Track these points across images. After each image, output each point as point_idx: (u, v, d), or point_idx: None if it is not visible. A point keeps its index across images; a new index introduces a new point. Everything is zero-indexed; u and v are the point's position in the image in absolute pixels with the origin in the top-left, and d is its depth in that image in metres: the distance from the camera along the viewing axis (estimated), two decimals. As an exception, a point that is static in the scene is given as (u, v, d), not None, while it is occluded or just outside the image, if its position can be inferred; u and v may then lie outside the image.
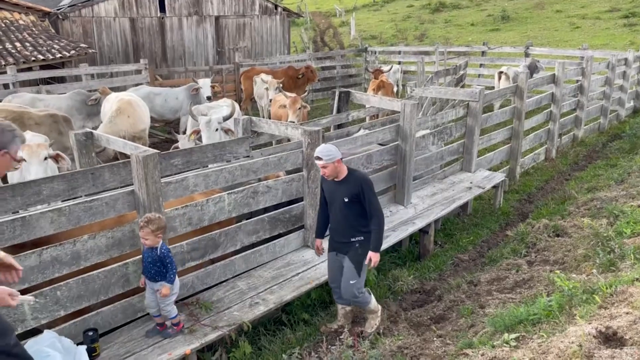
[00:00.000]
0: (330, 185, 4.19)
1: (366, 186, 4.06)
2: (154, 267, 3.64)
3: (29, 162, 5.17)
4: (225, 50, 17.79)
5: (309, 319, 4.78)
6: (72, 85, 11.65)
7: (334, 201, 4.19)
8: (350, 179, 4.09)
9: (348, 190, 4.07)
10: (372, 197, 4.08)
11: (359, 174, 4.16)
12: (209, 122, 6.24)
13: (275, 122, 5.51)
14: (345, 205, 4.11)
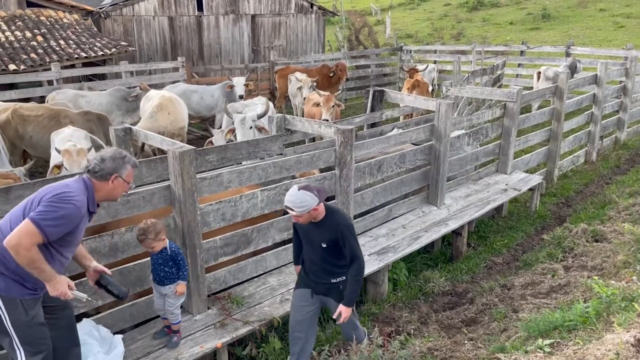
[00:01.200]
0: (305, 225, 3.58)
1: (347, 232, 3.51)
2: (164, 268, 3.57)
3: (70, 170, 5.36)
4: (260, 49, 17.96)
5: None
6: (112, 82, 11.99)
7: (310, 242, 3.66)
8: (328, 223, 3.51)
9: (326, 236, 3.53)
10: (354, 244, 3.54)
11: (338, 218, 3.55)
12: (244, 120, 6.32)
13: (308, 120, 5.53)
14: (322, 249, 3.58)
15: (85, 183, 2.96)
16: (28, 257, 2.69)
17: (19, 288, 2.82)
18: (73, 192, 2.85)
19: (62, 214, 2.75)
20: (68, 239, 2.87)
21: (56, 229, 2.75)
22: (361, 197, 5.36)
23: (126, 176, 3.08)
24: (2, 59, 11.69)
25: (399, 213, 5.95)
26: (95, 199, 3.00)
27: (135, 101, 10.22)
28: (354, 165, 4.97)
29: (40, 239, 2.72)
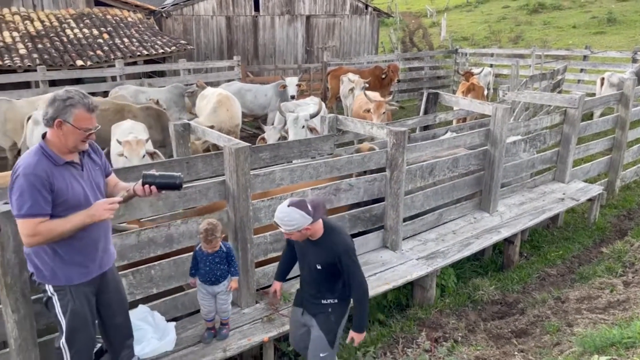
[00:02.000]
0: (302, 242, 3.30)
1: (346, 257, 3.18)
2: (220, 267, 3.56)
3: (129, 159, 5.61)
4: (314, 49, 18.09)
5: (384, 319, 4.76)
6: (171, 79, 12.40)
7: (304, 260, 3.39)
8: (326, 243, 3.19)
9: (322, 257, 3.23)
10: (354, 269, 3.21)
11: (337, 240, 3.20)
12: (296, 119, 6.39)
13: (360, 121, 5.54)
14: (317, 271, 3.29)
15: (40, 141, 2.78)
16: (43, 238, 2.65)
17: (65, 274, 2.83)
18: (18, 164, 2.70)
19: (20, 192, 2.62)
20: (60, 201, 2.71)
21: (33, 206, 2.62)
22: (411, 200, 5.31)
23: (74, 121, 2.70)
24: (71, 55, 12.33)
25: (450, 218, 5.85)
26: (57, 151, 2.74)
27: (191, 97, 10.54)
28: (405, 167, 4.93)
29: (35, 222, 2.62)
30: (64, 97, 2.71)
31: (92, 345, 3.12)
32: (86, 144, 2.83)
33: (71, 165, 2.81)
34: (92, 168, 2.95)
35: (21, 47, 12.15)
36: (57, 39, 12.93)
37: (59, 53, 12.32)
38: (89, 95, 2.80)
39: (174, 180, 2.90)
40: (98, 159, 3.02)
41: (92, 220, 2.76)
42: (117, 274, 3.25)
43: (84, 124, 2.74)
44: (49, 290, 2.84)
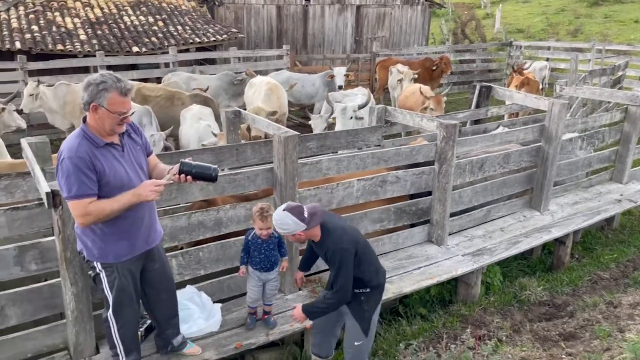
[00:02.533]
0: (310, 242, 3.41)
1: (333, 258, 3.15)
2: (274, 253, 3.62)
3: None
4: (363, 39, 17.94)
5: (426, 314, 4.72)
6: (222, 67, 12.59)
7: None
8: (322, 246, 3.21)
9: (322, 256, 3.31)
10: (339, 272, 3.12)
11: (328, 243, 3.17)
12: (345, 110, 6.37)
13: (410, 112, 5.47)
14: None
15: (81, 124, 2.86)
16: (94, 217, 2.75)
17: (113, 251, 2.93)
18: (62, 148, 2.78)
19: (67, 174, 2.70)
20: (103, 182, 2.79)
21: (81, 187, 2.70)
22: (459, 195, 5.21)
23: (108, 104, 2.74)
24: (127, 41, 12.72)
25: (498, 215, 5.71)
26: (97, 133, 2.82)
27: (240, 85, 10.68)
28: (454, 161, 4.84)
29: (84, 203, 2.72)
30: (98, 82, 2.75)
31: (137, 319, 3.25)
32: (123, 126, 2.88)
33: (112, 147, 2.88)
34: (133, 148, 3.01)
35: (82, 33, 12.63)
36: (115, 25, 13.37)
37: (116, 39, 12.73)
38: (123, 79, 2.82)
39: (210, 172, 2.92)
40: (139, 139, 3.09)
41: (138, 200, 2.85)
42: (163, 252, 3.35)
43: (118, 107, 2.78)
44: (97, 267, 2.96)
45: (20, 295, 3.20)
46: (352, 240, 3.19)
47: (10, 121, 7.42)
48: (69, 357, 3.38)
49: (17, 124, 7.58)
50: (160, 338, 3.47)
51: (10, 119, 7.43)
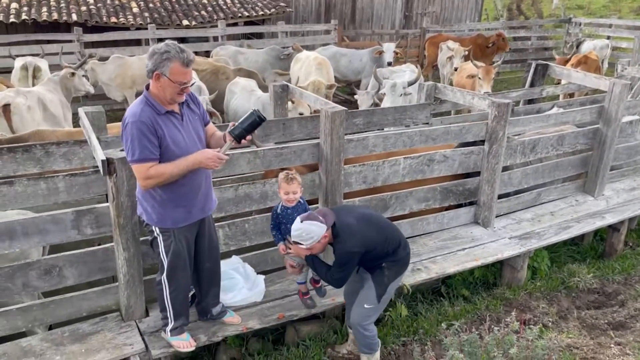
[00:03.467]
0: None
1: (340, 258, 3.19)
2: None
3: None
4: (412, 15, 17.49)
5: (468, 296, 4.66)
6: (269, 42, 12.60)
7: None
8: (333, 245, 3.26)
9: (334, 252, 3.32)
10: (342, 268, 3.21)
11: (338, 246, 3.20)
12: (394, 86, 6.25)
13: (461, 90, 5.31)
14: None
15: (144, 92, 2.94)
16: (155, 181, 2.85)
17: (171, 217, 3.03)
18: (126, 114, 2.88)
19: (130, 139, 2.80)
20: (163, 148, 2.88)
21: (143, 151, 2.80)
22: (509, 176, 5.06)
23: (170, 74, 2.80)
24: (178, 14, 12.90)
25: (548, 199, 5.53)
26: (158, 101, 2.89)
27: (287, 60, 10.67)
28: (505, 141, 4.69)
29: (146, 166, 2.81)
30: (162, 51, 2.80)
31: (189, 285, 3.36)
32: (183, 96, 2.94)
33: (172, 115, 2.96)
34: (192, 118, 3.08)
35: (134, 6, 12.89)
36: (165, -2, 13.57)
37: (167, 12, 12.93)
38: (186, 50, 2.87)
39: (254, 117, 2.95)
40: (196, 109, 3.15)
41: (198, 166, 2.93)
42: (213, 222, 3.43)
43: (179, 77, 2.83)
44: (155, 231, 3.07)
45: (77, 257, 3.36)
46: (360, 242, 3.18)
47: (80, 85, 7.87)
48: (120, 318, 3.54)
49: (86, 89, 8.05)
50: (200, 306, 3.58)
51: (80, 84, 7.87)
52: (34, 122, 6.46)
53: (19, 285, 3.23)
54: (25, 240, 3.17)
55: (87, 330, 3.43)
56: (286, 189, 3.41)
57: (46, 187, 3.21)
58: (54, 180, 3.23)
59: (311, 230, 3.10)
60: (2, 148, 3.47)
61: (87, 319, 3.53)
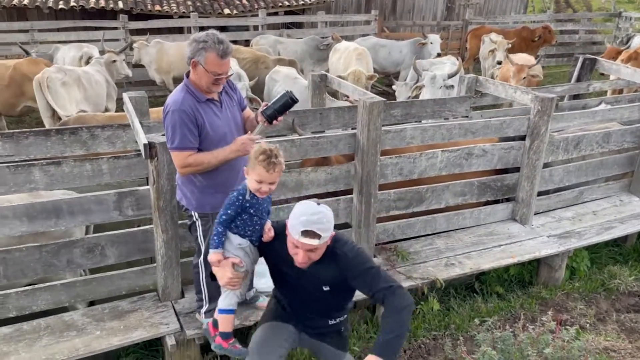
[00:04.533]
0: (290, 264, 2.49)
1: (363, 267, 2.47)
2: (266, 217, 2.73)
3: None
4: (455, 6, 17.13)
5: (503, 293, 4.58)
6: (308, 32, 12.59)
7: (300, 283, 2.59)
8: (331, 257, 2.47)
9: (328, 275, 2.51)
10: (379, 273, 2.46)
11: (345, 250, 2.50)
12: (434, 78, 6.16)
13: (503, 83, 5.19)
14: (322, 293, 2.57)
15: (185, 79, 2.98)
16: (193, 169, 2.91)
17: (210, 202, 3.06)
18: (168, 102, 2.93)
19: (171, 126, 2.86)
20: (203, 135, 2.92)
21: (182, 140, 2.85)
22: (549, 173, 4.93)
23: (206, 63, 2.82)
24: (219, 3, 13.04)
25: (591, 198, 5.36)
26: (198, 89, 2.93)
27: (326, 50, 10.65)
28: (547, 137, 4.57)
29: (185, 154, 2.87)
30: (200, 40, 2.85)
31: None
32: (219, 86, 2.98)
33: (212, 103, 3.01)
34: (230, 105, 3.14)
35: (177, -5, 13.09)
36: (214, -14, 13.72)
37: (209, 1, 13.08)
38: (225, 41, 2.89)
39: (286, 98, 2.93)
40: (234, 95, 3.21)
41: (236, 156, 2.98)
42: None
43: (214, 68, 2.86)
44: (195, 216, 3.14)
45: (118, 237, 3.47)
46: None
47: (121, 69, 8.43)
48: (157, 298, 3.65)
49: (126, 72, 8.55)
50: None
51: (122, 67, 8.44)
52: (70, 98, 6.80)
53: (63, 262, 3.37)
54: (71, 219, 3.30)
55: (126, 308, 3.55)
56: (263, 176, 2.52)
57: (91, 169, 3.33)
58: (98, 162, 3.34)
59: (329, 218, 2.36)
60: (50, 130, 3.61)
61: (125, 297, 3.65)
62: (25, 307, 3.36)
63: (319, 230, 2.31)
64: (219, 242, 2.60)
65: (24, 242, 3.33)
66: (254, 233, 2.66)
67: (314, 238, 2.30)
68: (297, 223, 2.33)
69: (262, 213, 2.66)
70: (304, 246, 2.34)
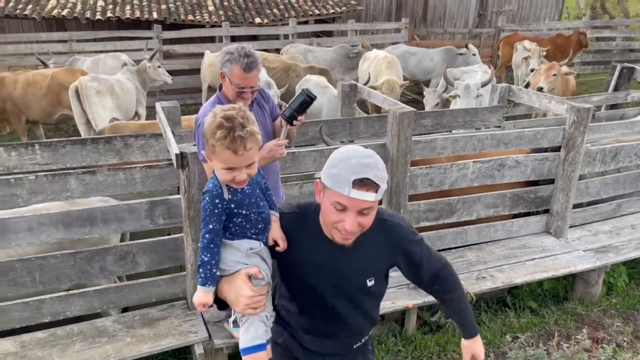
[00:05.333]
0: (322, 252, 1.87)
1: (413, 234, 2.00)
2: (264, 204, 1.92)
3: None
4: (487, 13, 16.92)
5: (536, 308, 4.45)
6: (338, 40, 12.62)
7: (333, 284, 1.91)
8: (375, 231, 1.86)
9: (377, 259, 1.94)
10: (433, 251, 2.04)
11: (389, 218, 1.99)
12: (468, 88, 6.08)
13: (537, 93, 5.08)
14: (364, 294, 1.96)
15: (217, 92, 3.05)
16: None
17: None
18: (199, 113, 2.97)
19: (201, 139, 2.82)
20: None
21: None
22: (585, 185, 4.79)
23: (230, 76, 2.87)
24: (250, 12, 13.20)
25: (629, 211, 5.18)
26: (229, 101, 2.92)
27: (356, 59, 10.65)
28: (584, 149, 4.44)
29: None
30: (228, 52, 2.91)
31: None
32: (244, 100, 2.98)
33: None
34: (261, 116, 3.16)
35: (210, 5, 13.32)
36: (240, -3, 13.93)
37: (241, 10, 13.27)
38: (252, 55, 2.90)
39: (303, 97, 2.85)
40: (266, 105, 3.23)
41: (266, 163, 2.97)
42: None
43: (237, 80, 2.90)
44: None
45: (149, 245, 3.52)
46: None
47: (155, 76, 8.44)
48: (186, 307, 3.68)
49: (163, 79, 8.55)
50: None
51: (155, 74, 8.45)
52: (103, 106, 6.98)
53: (96, 268, 3.44)
54: (104, 227, 3.36)
55: (156, 316, 3.60)
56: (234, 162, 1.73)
57: (124, 178, 3.39)
58: (131, 171, 3.40)
59: (384, 166, 1.73)
60: (86, 139, 3.70)
61: (156, 305, 3.69)
62: (60, 312, 3.43)
63: (376, 178, 1.64)
64: (208, 277, 1.76)
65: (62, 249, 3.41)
66: (261, 232, 1.86)
67: (370, 190, 1.63)
68: (344, 171, 1.63)
69: (258, 201, 1.85)
70: (357, 205, 1.64)
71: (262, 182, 1.96)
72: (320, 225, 1.85)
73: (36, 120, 8.27)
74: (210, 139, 1.69)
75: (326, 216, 1.76)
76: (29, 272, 3.27)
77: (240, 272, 1.78)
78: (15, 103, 7.84)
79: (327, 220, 1.76)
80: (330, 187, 1.68)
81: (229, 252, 1.82)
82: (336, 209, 1.69)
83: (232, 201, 1.80)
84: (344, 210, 1.68)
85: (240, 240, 1.84)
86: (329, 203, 1.70)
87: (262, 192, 1.93)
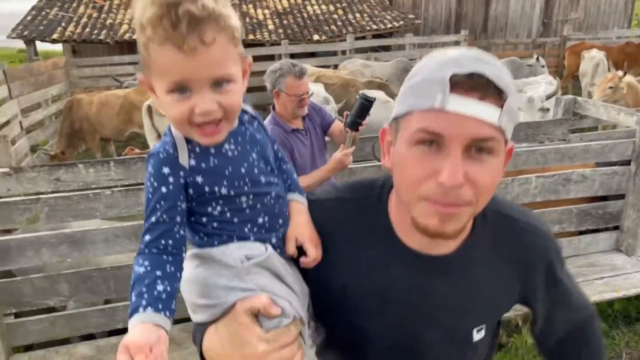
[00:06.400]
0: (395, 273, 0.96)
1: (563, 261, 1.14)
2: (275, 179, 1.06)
3: None
4: (552, 22, 16.39)
5: (606, 329, 4.25)
6: (396, 54, 12.64)
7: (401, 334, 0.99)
8: (496, 248, 1.01)
9: (495, 295, 1.05)
10: (574, 284, 1.20)
11: (527, 227, 1.04)
12: (532, 101, 5.93)
13: (604, 105, 4.89)
14: (466, 346, 1.03)
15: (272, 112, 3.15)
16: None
17: None
18: None
19: None
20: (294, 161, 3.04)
21: None
22: (660, 201, 4.54)
23: (287, 89, 3.00)
24: (309, 30, 13.50)
25: None
26: (284, 120, 3.09)
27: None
28: (657, 162, 4.22)
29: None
30: (275, 69, 3.03)
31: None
32: (304, 108, 3.11)
33: (298, 132, 3.16)
34: (313, 131, 3.27)
35: (270, 24, 13.75)
36: (299, 15, 14.28)
37: (299, 28, 13.60)
38: (297, 64, 3.08)
39: (361, 101, 2.90)
40: (316, 116, 3.32)
41: (334, 173, 3.08)
42: None
43: (294, 90, 3.00)
44: None
45: (213, 257, 3.66)
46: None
47: None
48: (248, 317, 3.78)
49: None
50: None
51: None
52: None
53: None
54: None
55: (219, 325, 3.73)
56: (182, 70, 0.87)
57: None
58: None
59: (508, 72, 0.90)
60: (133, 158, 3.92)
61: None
62: (131, 319, 3.63)
63: (496, 77, 0.86)
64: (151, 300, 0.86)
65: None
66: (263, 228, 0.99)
67: (487, 99, 0.84)
68: (434, 69, 0.86)
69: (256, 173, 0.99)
70: (462, 128, 0.81)
71: (268, 143, 1.09)
72: (392, 222, 0.99)
73: (108, 138, 8.83)
74: (140, 34, 0.85)
75: (405, 175, 0.87)
76: (104, 280, 3.50)
77: (236, 308, 0.91)
78: (90, 122, 8.42)
79: (407, 181, 0.87)
80: (408, 108, 0.87)
81: (207, 272, 0.94)
82: (423, 148, 0.84)
83: (197, 170, 0.92)
84: (438, 147, 0.83)
85: (225, 246, 0.95)
86: (408, 143, 0.86)
87: (264, 159, 1.03)
